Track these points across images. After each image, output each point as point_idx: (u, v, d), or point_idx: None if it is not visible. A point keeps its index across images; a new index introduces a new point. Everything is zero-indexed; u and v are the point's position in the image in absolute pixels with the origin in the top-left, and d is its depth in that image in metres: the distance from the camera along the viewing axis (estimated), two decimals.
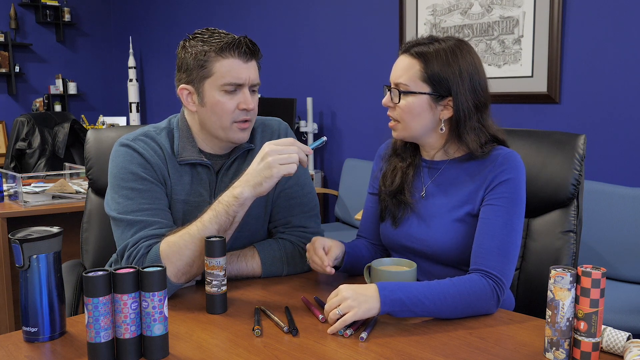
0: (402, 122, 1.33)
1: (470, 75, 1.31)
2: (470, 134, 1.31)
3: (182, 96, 1.40)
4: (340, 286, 1.15)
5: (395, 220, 1.39)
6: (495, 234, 1.24)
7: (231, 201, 1.26)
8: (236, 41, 1.33)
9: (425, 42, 1.32)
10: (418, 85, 1.30)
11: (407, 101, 1.31)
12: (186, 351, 1.04)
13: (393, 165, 1.44)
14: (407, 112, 1.31)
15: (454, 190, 1.34)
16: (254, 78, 1.37)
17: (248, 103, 1.35)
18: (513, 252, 1.24)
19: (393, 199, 1.40)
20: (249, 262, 1.42)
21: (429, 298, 1.14)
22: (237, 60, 1.33)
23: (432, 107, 1.31)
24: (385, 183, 1.43)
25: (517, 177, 1.28)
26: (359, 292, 1.12)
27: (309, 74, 4.44)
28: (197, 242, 1.26)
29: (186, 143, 1.41)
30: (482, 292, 1.18)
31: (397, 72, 1.33)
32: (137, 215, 1.31)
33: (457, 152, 1.37)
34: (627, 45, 2.80)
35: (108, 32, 6.86)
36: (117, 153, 1.39)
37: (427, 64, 1.29)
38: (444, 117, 1.32)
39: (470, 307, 1.17)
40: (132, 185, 1.34)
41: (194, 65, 1.34)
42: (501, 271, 1.21)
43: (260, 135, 1.50)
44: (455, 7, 3.43)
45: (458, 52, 1.30)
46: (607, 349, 1.00)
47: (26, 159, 4.10)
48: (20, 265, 1.07)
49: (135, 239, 1.29)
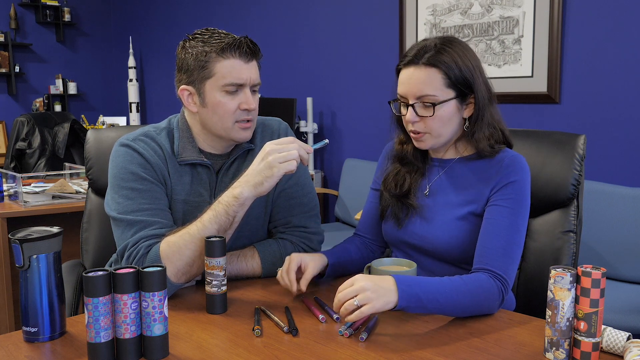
0: (433, 132, 1.31)
1: (479, 68, 1.32)
2: (485, 130, 1.32)
3: (182, 97, 1.39)
4: (357, 276, 1.11)
5: (398, 221, 1.39)
6: (501, 235, 1.24)
7: (231, 201, 1.26)
8: (237, 41, 1.33)
9: (428, 48, 1.30)
10: (445, 93, 1.29)
11: (440, 111, 1.29)
12: (186, 351, 1.04)
13: (396, 170, 1.44)
14: (440, 122, 1.30)
15: (459, 189, 1.35)
16: (255, 78, 1.37)
17: (249, 103, 1.35)
18: (517, 253, 1.25)
19: (397, 201, 1.40)
20: (249, 262, 1.42)
21: (443, 295, 1.13)
22: (238, 60, 1.33)
23: (459, 110, 1.32)
24: (387, 186, 1.43)
25: (524, 179, 1.29)
26: (378, 283, 1.09)
27: (309, 74, 4.44)
28: (197, 242, 1.25)
29: (186, 143, 1.41)
30: (490, 292, 1.18)
31: (417, 86, 1.29)
32: (137, 215, 1.31)
33: (466, 151, 1.38)
34: (627, 45, 2.80)
35: (108, 32, 6.86)
36: (117, 153, 1.39)
37: (447, 69, 1.28)
38: (467, 115, 1.33)
39: (478, 307, 1.17)
40: (132, 185, 1.34)
41: (194, 66, 1.34)
42: (506, 272, 1.21)
43: (261, 135, 1.50)
44: (455, 7, 3.43)
45: (461, 48, 1.31)
46: (607, 349, 1.00)
47: (26, 159, 4.10)
48: (20, 265, 1.07)
49: (135, 239, 1.29)
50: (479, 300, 1.17)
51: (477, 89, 1.30)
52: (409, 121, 1.32)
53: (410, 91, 1.30)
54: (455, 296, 1.14)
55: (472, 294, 1.16)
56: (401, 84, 1.33)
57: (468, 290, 1.16)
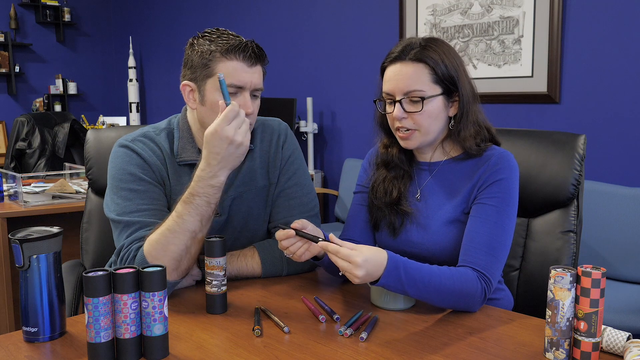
0: (422, 129, 1.31)
1: (462, 67, 1.32)
2: (470, 128, 1.32)
3: (184, 92, 1.40)
4: (359, 259, 1.08)
5: (394, 230, 1.38)
6: (486, 233, 1.24)
7: (210, 191, 1.25)
8: (243, 44, 1.33)
9: (414, 45, 1.31)
10: (432, 88, 1.29)
11: (428, 107, 1.29)
12: (186, 351, 1.04)
13: (383, 176, 1.41)
14: (428, 118, 1.30)
15: (450, 191, 1.34)
16: (257, 83, 1.36)
17: (247, 107, 1.34)
18: (502, 252, 1.25)
19: (391, 209, 1.38)
20: (249, 262, 1.42)
21: (425, 284, 1.14)
22: (241, 63, 1.33)
23: (445, 106, 1.32)
24: (377, 194, 1.40)
25: (510, 177, 1.28)
26: (371, 261, 1.10)
27: (309, 74, 4.44)
28: (180, 237, 1.25)
29: (186, 143, 1.41)
30: (473, 290, 1.18)
31: (405, 81, 1.29)
32: (135, 217, 1.31)
33: (454, 151, 1.37)
34: (627, 45, 2.80)
35: (108, 32, 6.86)
36: (116, 154, 1.39)
37: (434, 64, 1.28)
38: (452, 114, 1.33)
39: (457, 302, 1.19)
40: (130, 187, 1.35)
41: (198, 63, 1.35)
42: (489, 270, 1.21)
43: (260, 135, 1.50)
44: (455, 7, 3.43)
45: (445, 47, 1.32)
46: (607, 349, 1.00)
47: (26, 159, 4.10)
48: (20, 265, 1.07)
49: (129, 240, 1.30)
50: (460, 296, 1.17)
51: (462, 86, 1.30)
52: (397, 118, 1.30)
53: (397, 87, 1.30)
54: (437, 287, 1.15)
55: (454, 289, 1.17)
56: (387, 81, 1.32)
57: (452, 285, 1.17)
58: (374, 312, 1.20)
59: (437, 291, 1.16)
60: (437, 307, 1.22)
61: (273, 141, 1.50)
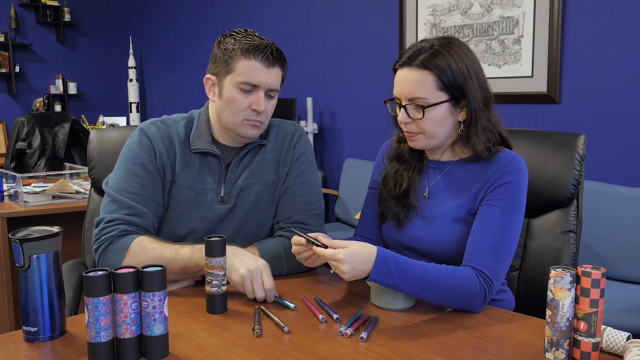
0: (426, 133, 1.32)
1: (475, 72, 1.31)
2: (480, 134, 1.31)
3: (206, 85, 1.48)
4: (341, 255, 1.13)
5: (399, 222, 1.39)
6: (491, 234, 1.24)
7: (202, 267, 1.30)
8: (263, 45, 1.41)
9: (424, 49, 1.30)
10: (436, 96, 1.29)
11: (431, 114, 1.29)
12: (186, 351, 1.04)
13: (395, 169, 1.44)
14: (432, 124, 1.31)
15: (458, 191, 1.34)
16: (272, 84, 1.43)
17: (259, 105, 1.41)
18: (507, 254, 1.25)
19: (398, 202, 1.40)
20: None
21: (418, 280, 1.15)
22: (258, 63, 1.40)
23: (452, 112, 1.32)
24: (387, 186, 1.43)
25: (519, 180, 1.29)
26: (359, 256, 1.13)
27: (309, 74, 4.44)
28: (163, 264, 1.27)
29: (202, 133, 1.49)
30: (472, 289, 1.18)
31: (409, 88, 1.29)
32: (124, 196, 1.39)
33: (464, 153, 1.37)
34: (627, 46, 2.80)
35: (108, 32, 6.86)
36: (133, 135, 1.49)
37: (440, 72, 1.27)
38: (461, 119, 1.33)
39: (454, 301, 1.19)
40: (131, 168, 1.42)
41: (221, 59, 1.43)
42: (492, 272, 1.21)
43: (275, 135, 1.55)
44: (455, 7, 3.43)
45: (459, 50, 1.30)
46: (607, 349, 1.00)
47: (26, 159, 4.10)
48: (20, 265, 1.07)
49: (114, 216, 1.37)
50: (457, 293, 1.18)
51: (469, 94, 1.29)
52: (401, 122, 1.34)
53: (402, 93, 1.31)
54: (432, 283, 1.16)
55: (451, 286, 1.17)
56: (395, 84, 1.33)
57: (448, 282, 1.17)
58: (374, 312, 1.21)
59: (432, 288, 1.16)
60: (437, 307, 1.23)
61: (287, 139, 1.55)
